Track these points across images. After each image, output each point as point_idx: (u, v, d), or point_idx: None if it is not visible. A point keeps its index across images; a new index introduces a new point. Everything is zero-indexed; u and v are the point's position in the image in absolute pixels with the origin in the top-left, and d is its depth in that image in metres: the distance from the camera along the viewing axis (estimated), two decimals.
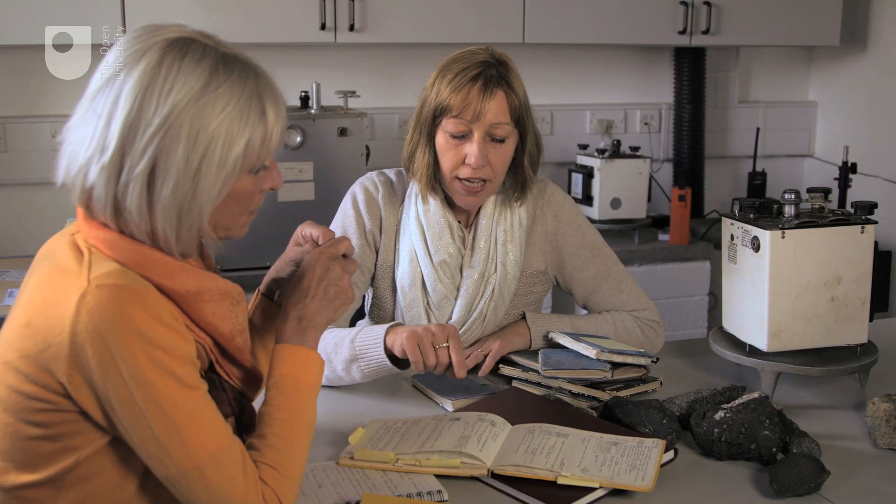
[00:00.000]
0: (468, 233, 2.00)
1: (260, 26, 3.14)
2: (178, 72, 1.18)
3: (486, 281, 1.98)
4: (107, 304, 1.14)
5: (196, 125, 1.18)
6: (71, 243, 1.23)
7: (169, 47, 1.20)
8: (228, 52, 1.24)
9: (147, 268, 1.21)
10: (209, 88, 1.19)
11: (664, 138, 4.05)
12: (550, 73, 3.85)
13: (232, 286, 1.31)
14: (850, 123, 4.06)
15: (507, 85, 1.89)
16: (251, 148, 1.22)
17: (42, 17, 2.88)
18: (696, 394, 1.73)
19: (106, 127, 1.18)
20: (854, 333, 1.86)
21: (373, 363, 1.78)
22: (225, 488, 1.20)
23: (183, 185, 1.19)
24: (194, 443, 1.18)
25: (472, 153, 1.88)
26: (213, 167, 1.19)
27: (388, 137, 3.60)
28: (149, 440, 1.17)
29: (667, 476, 1.49)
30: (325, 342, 1.85)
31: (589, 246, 2.07)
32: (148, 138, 1.17)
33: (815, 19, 3.78)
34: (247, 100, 1.22)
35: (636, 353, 1.84)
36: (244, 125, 1.21)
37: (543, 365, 1.81)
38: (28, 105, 3.23)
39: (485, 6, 3.36)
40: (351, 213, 2.02)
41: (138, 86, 1.17)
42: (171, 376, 1.18)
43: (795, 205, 1.82)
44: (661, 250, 3.55)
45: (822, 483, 1.46)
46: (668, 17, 3.60)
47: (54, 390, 1.17)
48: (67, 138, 1.23)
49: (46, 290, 1.19)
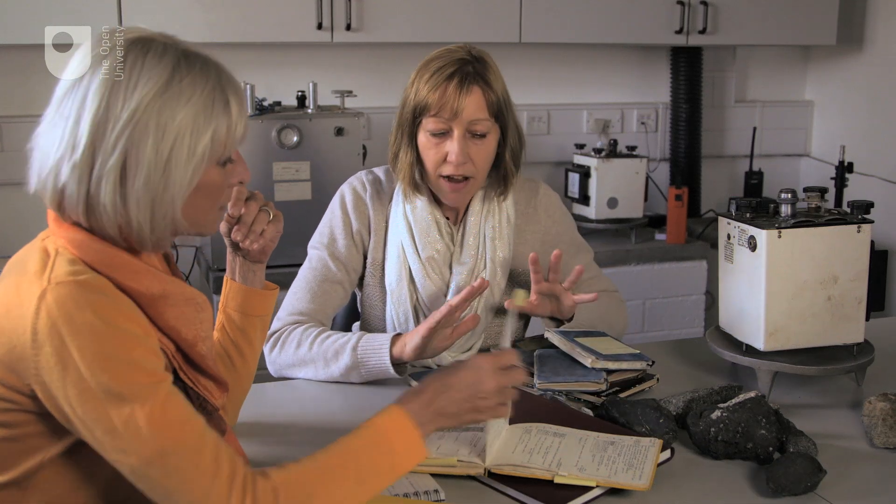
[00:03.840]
0: (456, 229, 2.02)
1: (257, 26, 3.14)
2: (141, 67, 1.21)
3: (476, 277, 1.99)
4: (65, 299, 1.15)
5: (164, 117, 1.20)
6: (41, 248, 1.24)
7: (131, 46, 1.23)
8: (188, 49, 1.26)
9: (113, 268, 1.22)
10: (173, 82, 1.21)
11: (661, 138, 4.05)
12: (547, 73, 3.85)
13: (197, 293, 1.32)
14: (846, 123, 4.07)
15: (484, 81, 1.90)
16: (217, 138, 1.24)
17: (39, 16, 2.88)
18: (692, 393, 1.73)
19: (75, 126, 1.20)
20: (851, 333, 1.86)
21: (375, 369, 1.83)
22: (191, 479, 1.16)
23: (154, 176, 1.20)
24: (156, 429, 1.15)
25: (452, 150, 1.90)
26: (182, 157, 1.21)
27: (384, 137, 3.53)
28: (110, 431, 1.15)
29: (663, 475, 1.49)
30: (322, 348, 1.87)
31: (577, 243, 2.16)
32: (118, 133, 1.18)
33: (812, 19, 3.78)
34: (210, 91, 1.24)
35: (631, 358, 1.84)
36: (209, 116, 1.23)
37: (538, 376, 1.81)
38: (25, 105, 3.22)
39: (481, 6, 3.36)
40: (339, 213, 2.04)
41: (104, 84, 1.20)
42: (133, 365, 1.16)
43: (792, 204, 1.82)
44: (658, 250, 3.55)
45: (818, 482, 1.46)
46: (665, 17, 3.60)
47: (20, 391, 1.17)
48: (37, 145, 1.25)
49: (12, 294, 1.19)
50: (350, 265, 2.02)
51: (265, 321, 1.60)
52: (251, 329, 1.57)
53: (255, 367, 1.60)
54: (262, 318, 1.59)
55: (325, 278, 1.99)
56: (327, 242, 2.02)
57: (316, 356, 1.88)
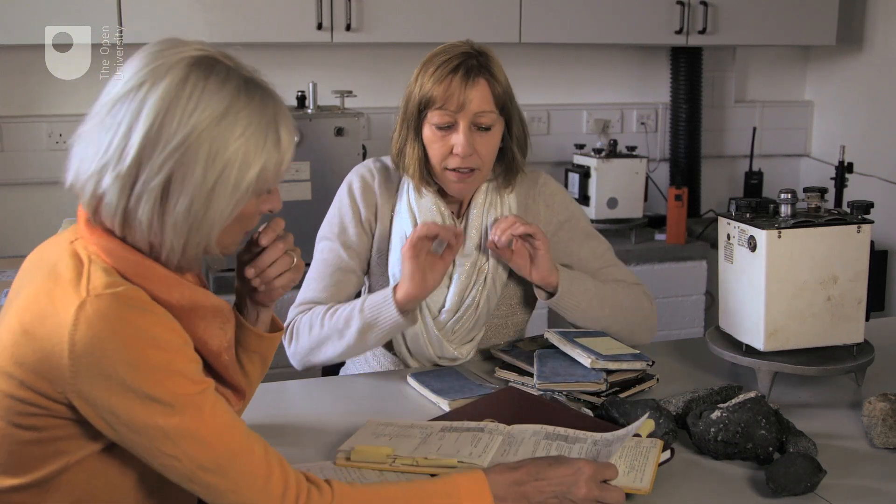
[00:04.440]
0: (459, 222, 2.02)
1: (257, 26, 3.14)
2: (202, 91, 1.19)
3: (479, 269, 1.99)
4: (105, 312, 1.15)
5: (216, 146, 1.19)
6: (71, 253, 1.23)
7: (194, 66, 1.21)
8: (249, 75, 1.25)
9: (146, 278, 1.22)
10: (230, 111, 1.20)
11: (661, 138, 4.05)
12: (547, 73, 3.85)
13: (223, 303, 1.32)
14: (846, 123, 4.07)
15: (489, 73, 1.90)
16: (265, 173, 1.24)
17: (39, 16, 2.88)
18: (692, 393, 1.73)
19: (125, 137, 1.18)
20: (850, 333, 1.86)
21: (387, 323, 1.84)
22: (246, 480, 1.20)
23: (196, 204, 1.20)
24: (208, 435, 1.18)
25: (458, 143, 1.90)
26: (227, 188, 1.21)
27: (384, 137, 3.56)
28: (160, 441, 1.17)
29: (663, 476, 1.49)
30: (332, 322, 1.88)
31: (583, 231, 2.12)
32: (167, 154, 1.18)
33: (812, 19, 3.78)
34: (265, 126, 1.23)
35: (631, 358, 1.84)
36: (260, 150, 1.23)
37: (538, 376, 1.81)
38: (25, 105, 3.22)
39: (481, 6, 3.36)
40: (346, 201, 2.04)
41: (162, 101, 1.18)
42: (178, 374, 1.18)
43: (792, 204, 1.82)
44: (658, 250, 3.55)
45: (818, 482, 1.46)
46: (665, 17, 3.60)
47: (51, 397, 1.17)
48: (80, 141, 1.23)
49: (44, 298, 1.19)
50: (362, 253, 2.03)
51: (266, 359, 1.54)
52: (249, 364, 1.51)
53: (250, 399, 1.54)
54: (261, 356, 1.53)
55: (337, 267, 2.00)
56: (338, 231, 2.03)
57: (330, 332, 1.88)
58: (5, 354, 1.19)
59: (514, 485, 1.35)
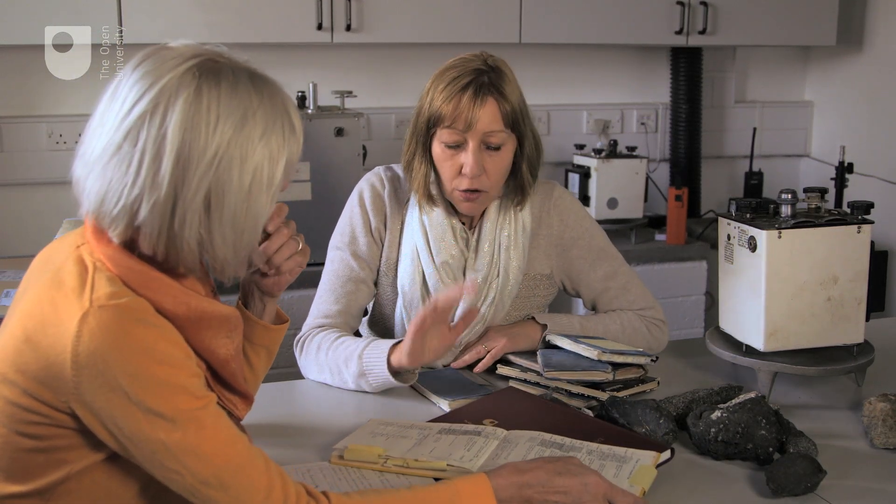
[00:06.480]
0: (472, 235, 2.01)
1: (256, 26, 3.14)
2: (218, 101, 1.19)
3: (489, 285, 1.98)
4: (109, 324, 1.14)
5: (244, 152, 1.20)
6: (76, 259, 1.22)
7: (201, 76, 1.19)
8: (250, 70, 1.25)
9: (151, 289, 1.21)
10: (248, 114, 1.21)
11: (661, 138, 4.05)
12: (547, 73, 3.85)
13: (231, 311, 1.31)
14: (846, 123, 4.07)
15: (499, 92, 1.88)
16: (290, 163, 1.26)
17: (39, 16, 2.88)
18: (692, 393, 1.73)
19: (153, 163, 1.16)
20: (850, 333, 1.86)
21: (379, 379, 1.81)
22: (246, 495, 1.20)
23: (239, 209, 1.21)
24: (211, 452, 1.18)
25: (467, 163, 1.88)
26: (262, 187, 1.23)
27: (384, 137, 3.60)
28: (162, 455, 1.17)
29: (663, 476, 1.48)
30: (335, 355, 1.87)
31: (596, 249, 2.08)
32: (203, 171, 1.18)
33: (812, 19, 3.78)
34: (280, 119, 1.24)
35: (636, 353, 1.84)
36: (283, 144, 1.24)
37: (545, 366, 1.81)
38: (25, 105, 3.22)
39: (481, 6, 3.36)
40: (357, 210, 2.03)
41: (184, 121, 1.17)
42: (180, 389, 1.18)
43: (792, 205, 1.82)
44: (658, 250, 3.55)
45: (818, 483, 1.46)
46: (665, 17, 3.60)
47: (54, 406, 1.17)
48: (95, 174, 1.19)
49: (47, 305, 1.18)
50: (372, 262, 2.02)
51: (271, 351, 1.55)
52: (255, 357, 1.52)
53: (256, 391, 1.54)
54: (267, 349, 1.53)
55: (348, 278, 1.99)
56: (348, 241, 2.02)
57: (331, 363, 1.87)
58: (7, 361, 1.18)
59: (519, 488, 1.34)
